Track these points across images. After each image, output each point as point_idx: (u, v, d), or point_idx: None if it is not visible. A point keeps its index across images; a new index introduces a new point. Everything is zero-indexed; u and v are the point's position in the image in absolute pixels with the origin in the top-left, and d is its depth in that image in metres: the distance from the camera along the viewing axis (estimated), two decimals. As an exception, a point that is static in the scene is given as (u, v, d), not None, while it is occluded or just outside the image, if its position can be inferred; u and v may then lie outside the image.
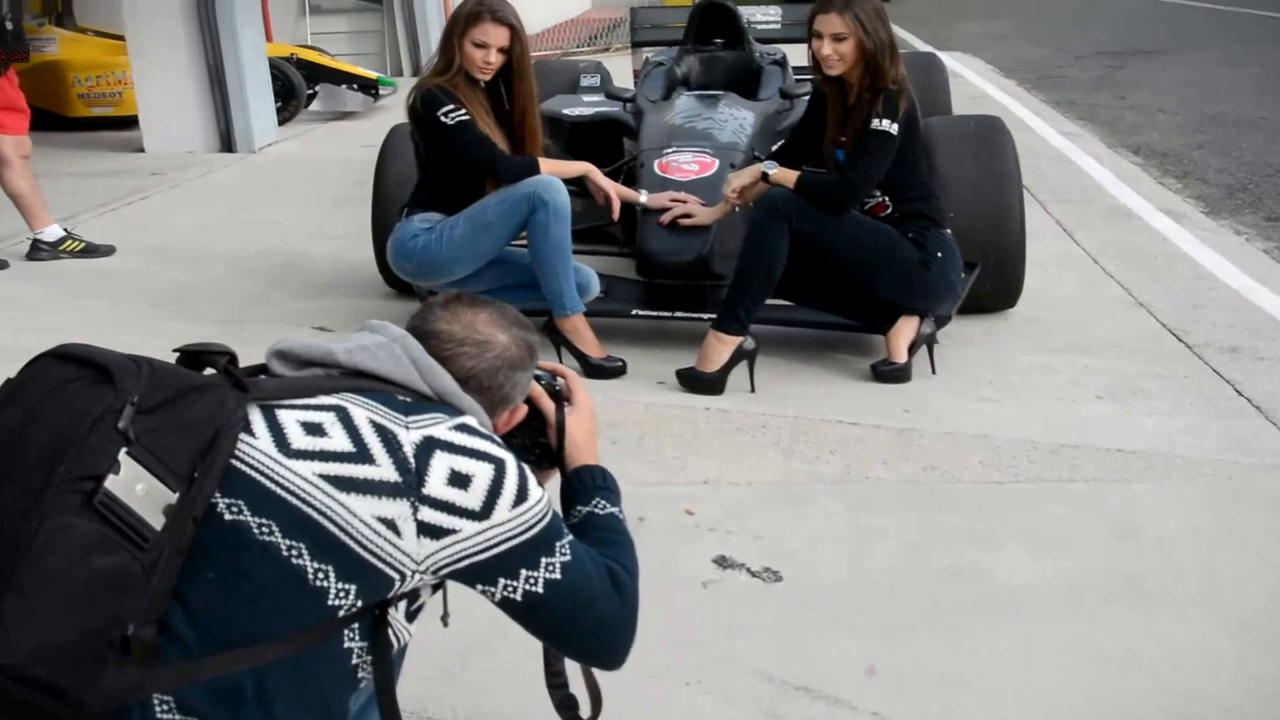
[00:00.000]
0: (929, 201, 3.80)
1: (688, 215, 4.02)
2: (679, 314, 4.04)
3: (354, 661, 1.46)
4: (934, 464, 3.26)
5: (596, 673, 1.72)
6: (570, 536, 1.56)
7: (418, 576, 1.46)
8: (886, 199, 3.78)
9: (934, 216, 3.79)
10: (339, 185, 6.59)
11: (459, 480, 1.46)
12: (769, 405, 3.62)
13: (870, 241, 3.69)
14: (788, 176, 3.70)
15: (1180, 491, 3.12)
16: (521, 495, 1.50)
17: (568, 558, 1.53)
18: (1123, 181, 6.57)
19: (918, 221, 3.76)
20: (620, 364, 3.88)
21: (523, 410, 1.72)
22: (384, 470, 1.43)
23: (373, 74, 9.29)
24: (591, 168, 3.97)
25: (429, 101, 3.73)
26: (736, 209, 3.91)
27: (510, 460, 1.51)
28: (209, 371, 1.48)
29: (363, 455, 1.43)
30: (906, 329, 3.81)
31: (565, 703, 1.74)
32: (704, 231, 4.01)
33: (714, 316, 3.78)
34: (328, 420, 1.46)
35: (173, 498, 1.34)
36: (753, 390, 3.71)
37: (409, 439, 1.46)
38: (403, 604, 1.50)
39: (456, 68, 3.76)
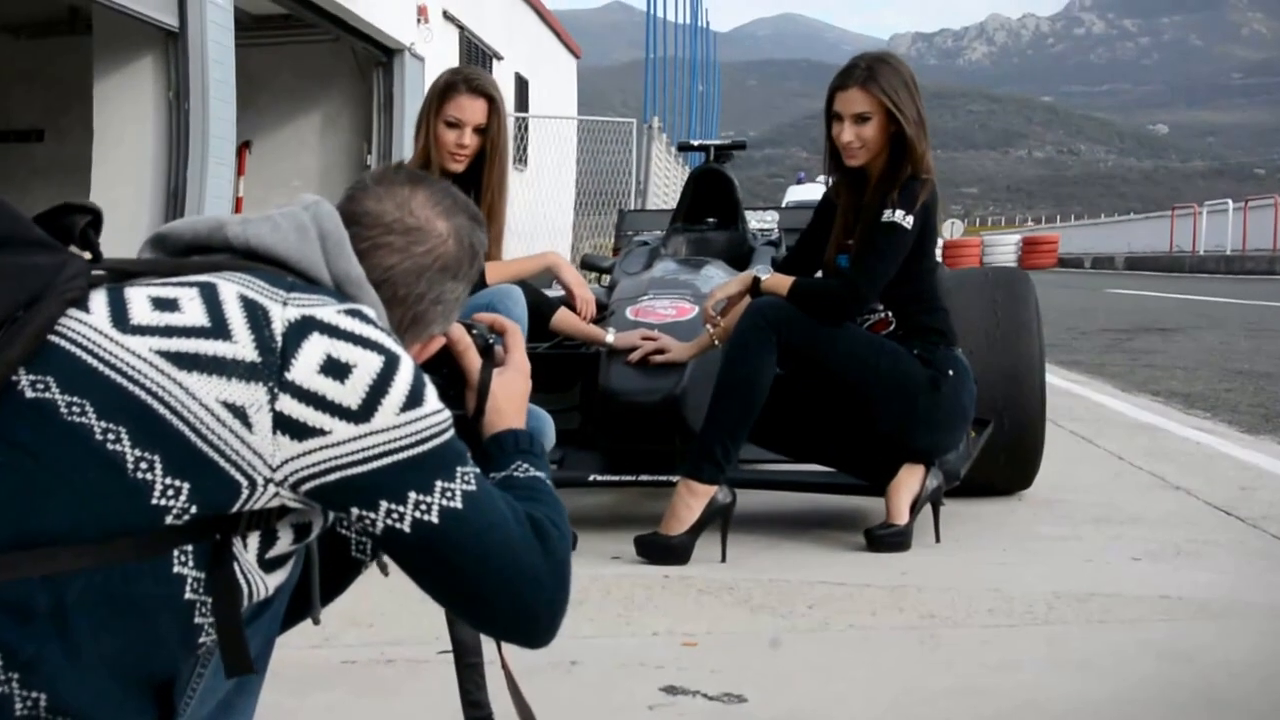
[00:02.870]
0: (938, 315, 3.45)
1: (660, 352, 3.64)
2: (644, 477, 3.58)
3: (188, 596, 1.20)
4: (933, 613, 2.83)
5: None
6: (478, 470, 1.28)
7: (272, 488, 1.19)
8: (890, 314, 3.44)
9: (944, 331, 3.45)
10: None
11: (334, 369, 1.22)
12: (740, 571, 3.18)
13: (872, 357, 3.32)
14: (781, 283, 3.37)
15: (1242, 626, 2.70)
16: (415, 399, 1.24)
17: (471, 487, 1.26)
18: (1143, 410, 6.24)
19: (925, 337, 3.41)
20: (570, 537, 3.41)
21: (438, 343, 1.46)
22: (240, 348, 1.20)
23: None
24: (557, 258, 3.65)
25: None
26: (717, 344, 3.54)
27: (406, 359, 1.25)
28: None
29: (217, 330, 1.21)
30: (909, 480, 3.41)
31: None
32: (677, 370, 3.63)
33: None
34: (186, 295, 1.22)
35: None
36: (723, 560, 3.26)
37: (282, 315, 1.22)
38: (254, 539, 1.22)
39: (430, 162, 3.46)
